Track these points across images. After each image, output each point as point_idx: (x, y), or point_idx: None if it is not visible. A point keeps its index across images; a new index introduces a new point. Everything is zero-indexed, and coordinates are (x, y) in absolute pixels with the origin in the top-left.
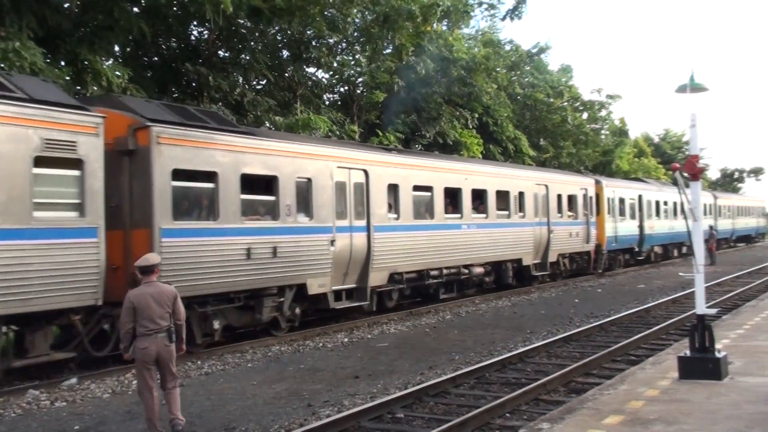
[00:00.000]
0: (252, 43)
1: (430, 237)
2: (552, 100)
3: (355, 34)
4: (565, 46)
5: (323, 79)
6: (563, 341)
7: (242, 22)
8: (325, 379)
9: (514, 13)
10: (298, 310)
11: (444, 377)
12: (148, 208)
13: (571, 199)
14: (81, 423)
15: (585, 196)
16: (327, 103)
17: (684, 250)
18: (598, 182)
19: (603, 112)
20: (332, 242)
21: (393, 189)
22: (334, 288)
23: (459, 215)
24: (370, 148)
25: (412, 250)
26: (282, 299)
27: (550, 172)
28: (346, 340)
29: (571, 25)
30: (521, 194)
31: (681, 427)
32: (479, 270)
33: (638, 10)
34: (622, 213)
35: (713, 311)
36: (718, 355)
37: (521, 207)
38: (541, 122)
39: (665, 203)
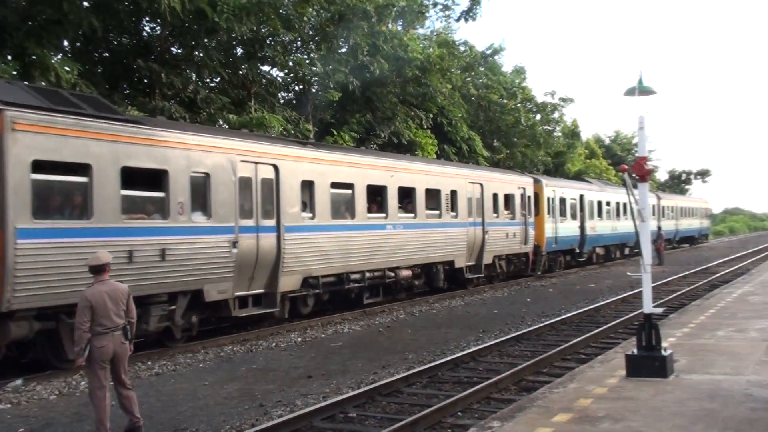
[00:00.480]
0: (206, 41)
1: (351, 238)
2: (506, 101)
3: (310, 32)
4: (519, 48)
5: (278, 78)
6: (515, 340)
7: (193, 18)
8: (277, 379)
9: (468, 14)
10: (195, 319)
11: (397, 376)
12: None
13: (508, 198)
14: (26, 425)
15: (523, 195)
16: (282, 101)
17: (627, 251)
18: (537, 181)
19: (556, 114)
20: (234, 244)
21: (308, 186)
22: (237, 294)
23: (384, 215)
24: (281, 141)
25: (329, 252)
26: (174, 307)
27: (486, 170)
28: (299, 339)
29: (525, 28)
30: (453, 193)
31: (628, 425)
32: (406, 273)
33: (590, 14)
34: (562, 213)
35: (660, 310)
36: (664, 353)
37: (453, 206)
38: (495, 123)
39: (608, 203)
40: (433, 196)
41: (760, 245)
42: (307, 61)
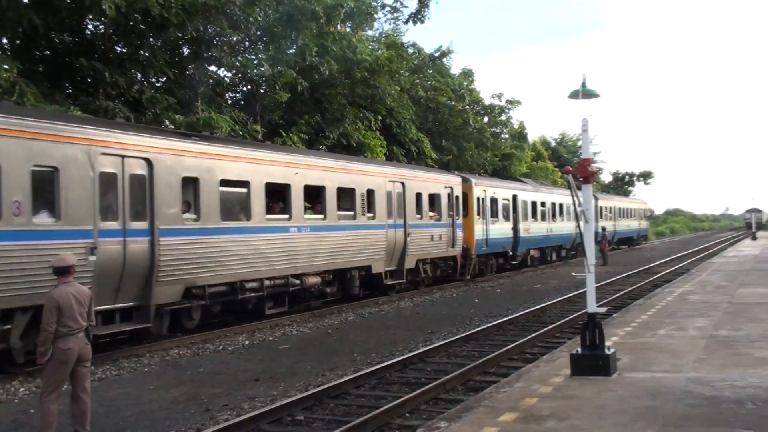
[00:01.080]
0: (151, 40)
1: (246, 242)
2: (454, 103)
3: (258, 33)
4: (467, 50)
5: (225, 78)
6: (463, 341)
7: (138, 17)
8: (224, 383)
9: (416, 16)
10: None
11: (345, 378)
12: None
13: (434, 198)
14: None
15: (450, 195)
16: (230, 102)
17: (564, 253)
18: (466, 180)
19: (503, 117)
20: (92, 250)
21: (191, 184)
22: (98, 308)
23: (287, 216)
24: (157, 132)
25: (218, 259)
26: (9, 326)
27: (408, 168)
28: (247, 342)
29: (474, 31)
30: (371, 192)
31: (572, 423)
32: (314, 280)
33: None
34: (494, 214)
35: (603, 310)
36: (607, 352)
37: (370, 207)
38: (444, 125)
39: (543, 204)
40: (347, 195)
41: (700, 246)
42: (255, 62)
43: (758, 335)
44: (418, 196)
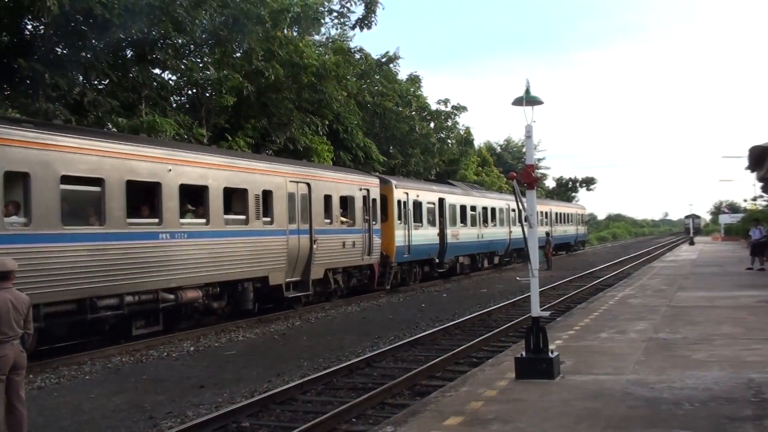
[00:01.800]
0: (94, 41)
1: (99, 251)
2: (401, 109)
3: (203, 36)
4: (415, 56)
5: (170, 81)
6: (409, 345)
7: (80, 18)
8: (168, 390)
9: (363, 22)
10: None
11: (291, 384)
12: None
13: (347, 201)
14: None
15: (366, 198)
16: (174, 105)
17: (496, 260)
18: (385, 182)
19: (449, 122)
20: None
21: (21, 180)
22: None
23: (157, 220)
24: None
25: (59, 272)
26: None
27: (316, 167)
28: (192, 348)
29: (421, 37)
30: (267, 194)
31: (516, 426)
32: (194, 294)
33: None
34: (418, 219)
35: (547, 314)
36: (551, 355)
37: (267, 210)
38: (391, 130)
39: (473, 208)
40: (239, 197)
41: (640, 250)
42: (200, 65)
43: (695, 338)
44: (327, 198)
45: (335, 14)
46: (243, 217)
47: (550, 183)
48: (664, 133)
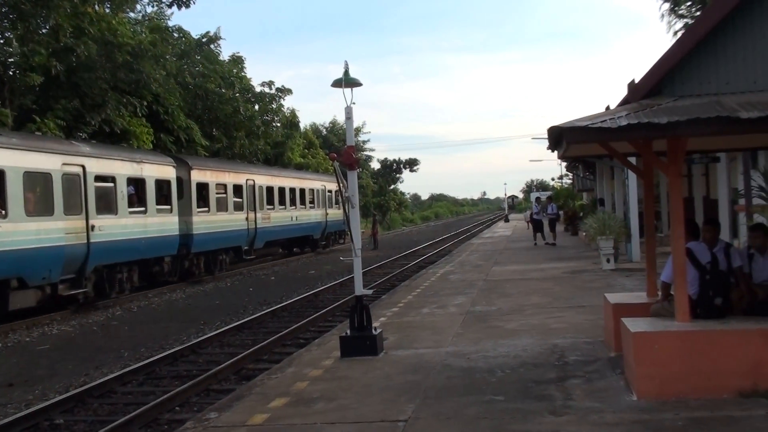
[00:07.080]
0: None
1: None
2: (224, 90)
3: (4, 10)
4: (239, 38)
5: None
6: (236, 330)
7: None
8: None
9: (181, 1)
10: None
11: (110, 376)
12: None
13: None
14: None
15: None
16: None
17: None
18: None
19: (274, 105)
20: None
21: None
22: None
23: None
24: None
25: None
26: None
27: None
28: None
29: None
30: None
31: (340, 403)
32: None
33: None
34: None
35: (369, 292)
36: (374, 332)
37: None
38: (214, 112)
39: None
40: None
41: (461, 228)
42: (1, 41)
43: (509, 309)
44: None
45: None
46: None
47: (375, 165)
48: (484, 116)
